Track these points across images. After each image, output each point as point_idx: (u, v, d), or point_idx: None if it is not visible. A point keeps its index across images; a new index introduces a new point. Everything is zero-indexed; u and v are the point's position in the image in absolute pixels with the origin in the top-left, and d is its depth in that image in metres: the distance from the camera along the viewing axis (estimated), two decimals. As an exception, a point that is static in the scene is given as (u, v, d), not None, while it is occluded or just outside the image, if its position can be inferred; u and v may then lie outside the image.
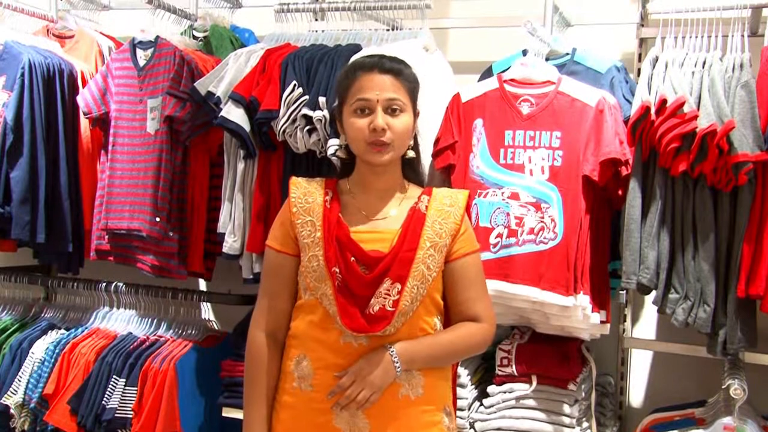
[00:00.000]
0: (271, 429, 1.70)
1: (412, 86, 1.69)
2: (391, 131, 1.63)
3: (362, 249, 1.63)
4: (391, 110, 1.64)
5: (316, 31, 2.57)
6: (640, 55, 2.44)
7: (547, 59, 2.29)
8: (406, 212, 1.69)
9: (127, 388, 2.47)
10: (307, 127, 2.22)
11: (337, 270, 1.62)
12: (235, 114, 2.29)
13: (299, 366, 1.67)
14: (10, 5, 2.81)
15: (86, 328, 2.74)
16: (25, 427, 2.61)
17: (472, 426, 2.25)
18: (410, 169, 1.76)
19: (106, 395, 2.47)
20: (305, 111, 2.20)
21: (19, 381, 2.63)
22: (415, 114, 1.72)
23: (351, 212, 1.70)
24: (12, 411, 2.62)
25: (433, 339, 1.67)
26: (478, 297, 1.71)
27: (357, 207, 1.71)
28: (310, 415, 1.65)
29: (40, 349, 2.65)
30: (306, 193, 1.71)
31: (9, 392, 2.63)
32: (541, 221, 2.09)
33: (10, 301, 2.96)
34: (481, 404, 2.26)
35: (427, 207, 1.69)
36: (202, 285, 2.99)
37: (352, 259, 1.63)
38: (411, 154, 1.73)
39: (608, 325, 2.18)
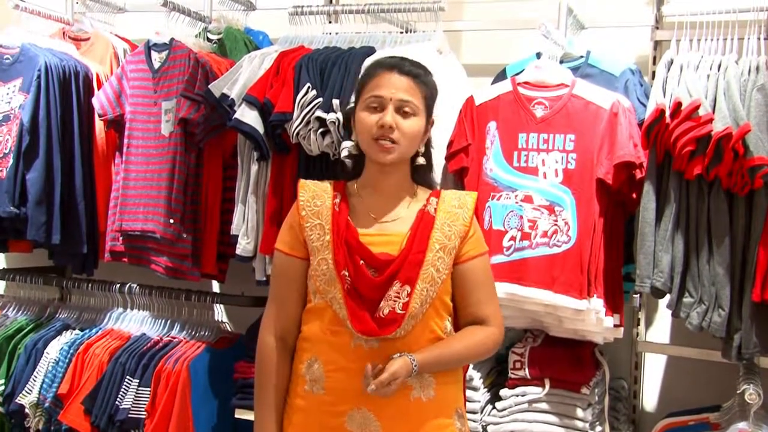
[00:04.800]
0: (282, 430, 1.71)
1: (428, 93, 1.69)
2: (399, 131, 1.63)
3: (371, 252, 1.64)
4: (402, 111, 1.64)
5: (330, 34, 2.58)
6: (654, 58, 2.42)
7: (561, 62, 2.29)
8: (414, 214, 1.69)
9: (140, 388, 2.49)
10: (321, 130, 2.23)
11: (347, 273, 1.62)
12: (249, 116, 2.30)
13: (311, 369, 1.67)
14: (26, 8, 2.84)
15: (100, 328, 2.77)
16: (40, 427, 2.65)
17: (484, 429, 2.25)
18: (419, 176, 1.76)
19: (119, 396, 2.50)
20: (319, 113, 2.21)
21: (34, 381, 2.66)
22: (429, 122, 1.72)
23: (359, 215, 1.70)
24: (27, 410, 2.65)
25: (450, 348, 1.67)
26: (487, 299, 1.72)
27: (365, 209, 1.71)
28: (322, 418, 1.65)
29: (54, 349, 2.69)
30: (314, 196, 1.72)
31: (24, 392, 2.66)
32: (555, 224, 2.09)
33: (25, 301, 3.00)
34: (494, 407, 2.26)
35: (435, 209, 1.69)
36: (216, 287, 3.00)
37: (361, 262, 1.63)
38: (421, 161, 1.73)
39: (622, 329, 2.17)
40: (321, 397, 1.65)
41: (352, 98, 2.00)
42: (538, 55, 2.31)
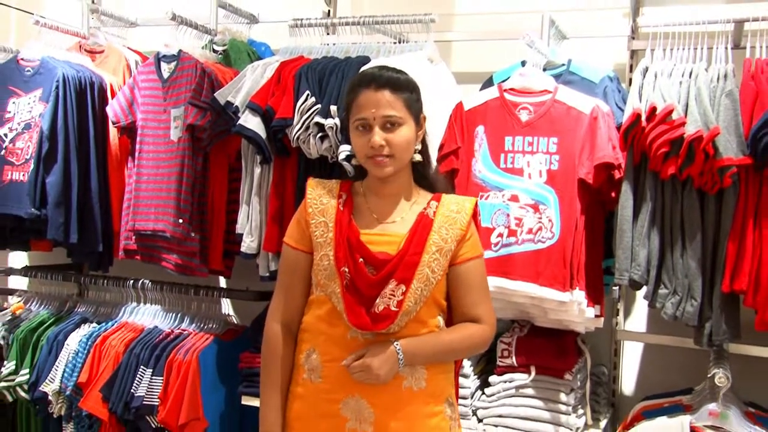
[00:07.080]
0: (284, 416, 1.75)
1: (411, 96, 1.68)
2: (389, 146, 1.65)
3: (370, 251, 1.67)
4: (389, 124, 1.65)
5: (328, 44, 2.62)
6: (631, 66, 2.47)
7: (544, 70, 2.32)
8: (414, 217, 1.71)
9: (153, 377, 2.55)
10: (320, 134, 2.27)
11: (346, 270, 1.66)
12: (252, 122, 2.34)
13: (309, 359, 1.72)
14: (46, 23, 2.89)
15: (116, 321, 2.82)
16: (62, 413, 2.72)
17: (474, 413, 2.31)
18: (419, 174, 1.78)
19: (134, 384, 2.55)
20: (317, 119, 2.25)
21: (56, 370, 2.73)
22: (419, 121, 1.72)
23: (363, 215, 1.74)
24: (50, 398, 2.72)
25: (436, 338, 1.71)
26: (480, 300, 1.74)
27: (369, 210, 1.75)
28: (320, 404, 1.71)
29: (74, 341, 2.74)
30: (321, 195, 1.75)
31: (47, 380, 2.73)
32: (539, 222, 2.15)
33: (46, 296, 3.07)
34: (483, 393, 2.32)
35: (435, 213, 1.71)
36: (222, 282, 3.03)
37: (361, 260, 1.66)
38: (417, 157, 1.74)
39: (602, 319, 2.22)
40: (318, 385, 1.70)
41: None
42: (523, 63, 2.35)
